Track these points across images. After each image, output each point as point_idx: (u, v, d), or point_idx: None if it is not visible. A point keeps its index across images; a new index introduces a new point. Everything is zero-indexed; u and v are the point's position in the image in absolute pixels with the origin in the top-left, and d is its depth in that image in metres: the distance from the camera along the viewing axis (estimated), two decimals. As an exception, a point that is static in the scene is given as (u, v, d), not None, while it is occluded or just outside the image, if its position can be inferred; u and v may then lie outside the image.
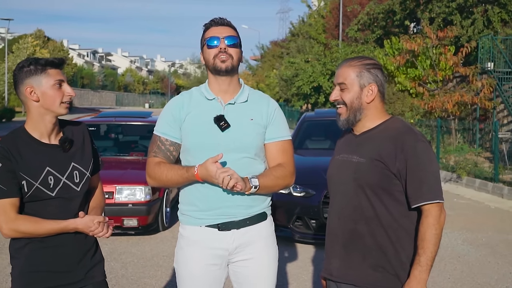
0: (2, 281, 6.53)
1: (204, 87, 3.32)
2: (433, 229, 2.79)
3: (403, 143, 2.84)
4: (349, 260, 2.96)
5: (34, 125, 3.00)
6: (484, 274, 7.08)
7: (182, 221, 3.33)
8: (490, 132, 19.42)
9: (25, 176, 2.91)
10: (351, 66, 2.96)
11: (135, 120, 11.04)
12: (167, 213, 9.30)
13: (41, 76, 2.93)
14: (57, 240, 3.00)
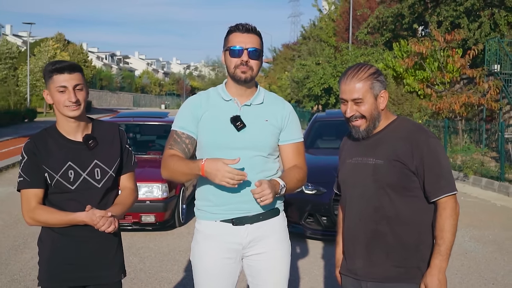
0: (26, 274, 6.59)
1: (221, 88, 3.33)
2: (451, 220, 2.87)
3: (417, 141, 2.88)
4: (372, 259, 2.97)
5: (60, 123, 3.13)
6: (490, 270, 7.05)
7: (198, 216, 3.35)
8: (496, 133, 19.31)
9: (47, 169, 3.04)
10: (361, 80, 2.93)
11: (152, 120, 11.09)
12: (183, 210, 9.35)
13: (49, 82, 3.06)
14: (81, 235, 3.08)
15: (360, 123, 2.97)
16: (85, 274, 3.13)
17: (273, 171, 3.28)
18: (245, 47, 3.16)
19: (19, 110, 37.88)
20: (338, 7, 43.26)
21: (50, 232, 3.11)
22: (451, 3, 24.18)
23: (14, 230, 8.75)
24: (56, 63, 3.04)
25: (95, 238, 3.11)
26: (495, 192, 13.18)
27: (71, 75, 3.02)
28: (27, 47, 51.44)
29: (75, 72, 3.05)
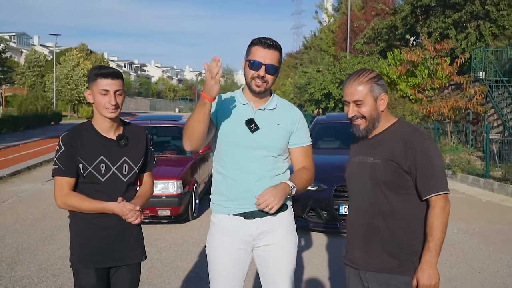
0: (53, 263, 6.59)
1: (239, 93, 3.35)
2: (439, 218, 2.81)
3: (411, 142, 2.86)
4: (368, 251, 2.98)
5: (97, 121, 3.24)
6: (477, 260, 7.03)
7: (213, 210, 3.37)
8: (481, 134, 19.26)
9: (82, 160, 3.14)
10: (361, 84, 2.94)
11: (167, 123, 11.10)
12: (196, 205, 9.35)
13: (93, 84, 3.16)
14: (105, 223, 3.20)
15: (360, 123, 2.98)
16: (109, 257, 3.24)
17: (282, 170, 3.32)
18: (264, 63, 3.16)
19: (46, 113, 37.97)
20: (336, 19, 43.21)
21: (79, 222, 3.21)
22: (440, 16, 24.16)
23: (42, 223, 8.77)
24: (102, 68, 3.16)
25: (117, 226, 3.23)
26: (481, 189, 13.15)
27: (113, 81, 3.13)
28: (53, 56, 51.65)
29: (118, 78, 3.16)
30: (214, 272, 3.34)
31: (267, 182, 3.20)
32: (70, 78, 48.66)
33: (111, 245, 3.23)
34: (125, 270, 3.32)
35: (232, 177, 3.23)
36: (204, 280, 6.06)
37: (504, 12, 22.53)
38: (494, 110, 19.57)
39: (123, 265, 3.30)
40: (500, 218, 9.81)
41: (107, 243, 3.22)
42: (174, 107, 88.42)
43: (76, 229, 3.23)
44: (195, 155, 9.95)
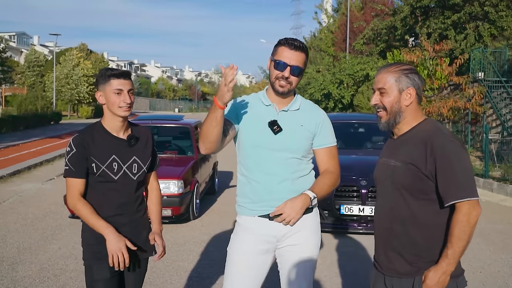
0: (54, 263, 6.57)
1: (263, 94, 3.35)
2: (461, 226, 2.62)
3: (432, 144, 2.69)
4: (389, 257, 2.88)
5: (107, 121, 3.30)
6: (478, 259, 7.03)
7: (239, 212, 3.37)
8: (480, 134, 19.27)
9: (95, 160, 3.20)
10: (389, 72, 2.83)
11: (168, 122, 11.07)
12: (197, 204, 9.33)
13: (105, 85, 3.22)
14: (119, 220, 3.26)
15: (382, 115, 2.86)
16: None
17: (306, 171, 3.29)
18: (289, 63, 3.16)
19: (46, 113, 37.89)
20: (336, 20, 43.19)
21: None
22: (440, 17, 24.17)
23: (43, 223, 8.74)
24: (113, 70, 3.24)
25: (129, 224, 3.30)
26: (480, 188, 13.11)
27: (126, 80, 3.24)
28: (53, 56, 51.59)
29: (129, 78, 3.27)
30: (232, 271, 3.32)
31: (289, 184, 3.19)
32: (70, 78, 48.55)
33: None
34: (135, 265, 3.38)
35: (256, 179, 3.23)
36: (207, 280, 6.05)
37: (503, 13, 22.56)
38: (492, 110, 19.57)
39: (136, 261, 3.36)
40: (500, 218, 9.80)
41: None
42: (173, 107, 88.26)
43: (88, 227, 3.24)
44: (196, 155, 9.93)
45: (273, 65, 3.21)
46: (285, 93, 3.22)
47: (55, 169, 15.37)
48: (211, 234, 8.18)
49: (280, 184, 3.19)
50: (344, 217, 8.00)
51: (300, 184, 3.22)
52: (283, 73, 3.16)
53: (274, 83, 3.21)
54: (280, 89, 3.20)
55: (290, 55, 3.16)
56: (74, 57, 50.37)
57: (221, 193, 11.82)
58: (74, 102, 49.78)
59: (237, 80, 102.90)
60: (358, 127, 10.91)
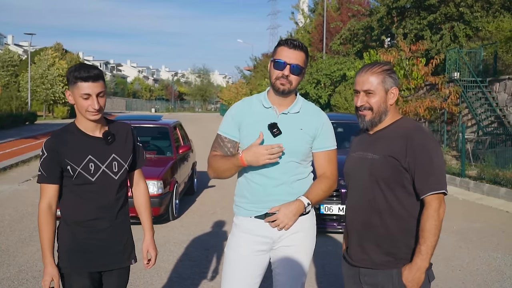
0: (33, 265, 6.50)
1: (263, 96, 3.33)
2: (432, 220, 2.72)
3: (412, 139, 2.78)
4: (364, 247, 2.93)
5: (80, 120, 3.13)
6: (457, 258, 7.10)
7: (236, 212, 3.38)
8: (456, 134, 19.51)
9: (70, 162, 3.03)
10: (374, 73, 2.89)
11: (147, 123, 11.00)
12: (176, 205, 9.28)
13: (73, 87, 3.01)
14: (97, 225, 3.12)
15: (366, 113, 2.93)
16: (103, 260, 3.17)
17: (305, 175, 3.29)
18: (288, 62, 3.15)
19: (21, 113, 37.39)
20: (313, 20, 43.38)
21: (69, 224, 3.12)
22: (416, 17, 24.42)
23: (20, 224, 8.62)
24: (82, 70, 2.97)
25: (109, 228, 3.16)
26: (457, 187, 13.28)
27: (95, 83, 2.99)
28: (28, 56, 50.97)
29: (99, 80, 3.01)
30: (230, 271, 3.32)
31: (287, 187, 3.20)
32: (45, 78, 48.00)
33: (105, 248, 3.16)
34: (116, 273, 3.26)
35: (254, 180, 3.23)
36: (188, 281, 6.02)
37: (478, 14, 22.87)
38: (468, 110, 19.80)
39: (115, 269, 3.24)
40: (477, 216, 9.92)
41: (99, 247, 3.15)
42: (150, 107, 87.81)
43: (66, 232, 3.13)
44: (175, 156, 9.88)
45: (273, 65, 3.21)
46: (286, 92, 3.19)
47: (31, 170, 15.16)
48: (191, 234, 8.15)
49: (277, 188, 3.19)
50: (324, 217, 8.02)
51: (298, 187, 3.23)
52: (283, 71, 3.15)
53: (274, 83, 3.20)
54: (280, 87, 3.17)
55: (290, 54, 3.16)
56: (49, 56, 49.80)
57: (200, 194, 11.78)
58: (49, 102, 49.24)
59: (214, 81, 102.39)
60: (336, 127, 10.91)
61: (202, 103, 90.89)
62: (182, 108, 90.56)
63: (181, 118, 17.51)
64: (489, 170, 13.05)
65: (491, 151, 14.75)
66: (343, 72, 29.22)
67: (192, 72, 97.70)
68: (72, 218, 3.11)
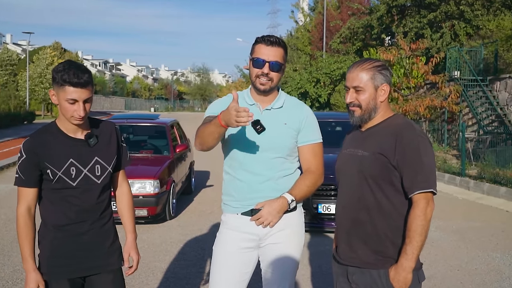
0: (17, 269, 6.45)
1: (247, 93, 3.32)
2: (418, 220, 2.68)
3: (402, 137, 2.75)
4: (352, 245, 2.90)
5: (62, 121, 2.98)
6: (455, 258, 7.08)
7: (223, 210, 3.38)
8: (457, 133, 19.49)
9: (50, 166, 2.89)
10: (364, 70, 2.85)
11: (144, 121, 10.99)
12: (173, 204, 9.26)
13: (59, 89, 2.83)
14: (79, 229, 2.99)
15: (355, 109, 2.90)
16: (84, 265, 3.03)
17: (291, 170, 3.28)
18: (267, 60, 3.13)
19: (19, 113, 37.37)
20: (313, 19, 43.36)
21: (49, 228, 3.00)
22: (416, 16, 24.40)
23: (15, 224, 8.56)
24: (70, 73, 2.79)
25: (90, 231, 3.02)
26: (457, 187, 13.25)
27: (83, 90, 2.82)
28: (26, 55, 50.91)
29: (87, 86, 2.84)
30: (217, 269, 3.30)
31: (273, 183, 3.19)
32: (44, 77, 47.94)
33: (86, 252, 3.02)
34: (106, 279, 3.10)
35: (239, 178, 3.22)
36: (183, 280, 6.00)
37: (478, 12, 22.85)
38: (469, 109, 19.78)
39: (99, 272, 3.09)
40: (477, 216, 9.89)
41: (81, 251, 3.01)
42: (149, 106, 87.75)
43: (46, 236, 3.01)
44: (172, 155, 9.86)
45: (252, 63, 3.19)
46: (267, 91, 3.19)
47: (28, 170, 15.15)
48: (187, 234, 8.13)
49: (264, 183, 3.18)
50: (321, 216, 8.00)
51: (284, 183, 3.22)
52: (262, 70, 3.14)
53: (255, 82, 3.19)
54: (261, 87, 3.17)
55: (268, 51, 3.14)
56: (48, 56, 49.80)
57: (197, 193, 11.76)
58: (48, 101, 49.18)
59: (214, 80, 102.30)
60: (335, 126, 10.95)
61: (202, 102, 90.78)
62: (181, 108, 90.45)
63: (180, 118, 17.50)
64: (490, 170, 13.03)
65: (492, 150, 14.73)
66: (343, 71, 29.23)
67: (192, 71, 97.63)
68: (52, 222, 2.98)
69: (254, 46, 3.20)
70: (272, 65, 3.14)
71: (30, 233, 2.96)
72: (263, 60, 3.14)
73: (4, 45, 69.13)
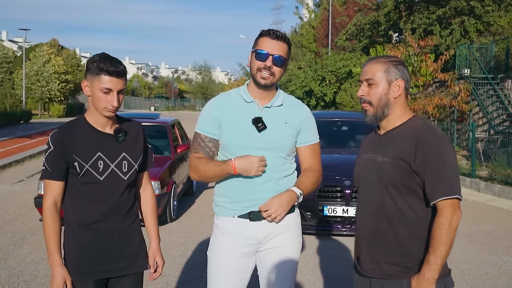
0: (24, 268, 6.48)
1: (243, 90, 3.28)
2: (443, 229, 2.58)
3: (423, 141, 2.66)
4: (373, 256, 2.83)
5: (91, 114, 3.03)
6: (466, 262, 7.07)
7: (217, 213, 3.32)
8: (466, 132, 19.46)
9: (78, 158, 2.93)
10: (378, 63, 2.80)
11: (144, 121, 10.97)
12: (174, 206, 9.27)
13: (94, 78, 2.91)
14: (105, 227, 3.02)
15: (367, 108, 2.83)
16: (110, 266, 3.06)
17: (291, 171, 3.27)
18: (271, 53, 3.11)
19: (15, 112, 37.46)
20: (318, 15, 43.32)
21: (74, 227, 3.01)
22: (424, 12, 24.35)
23: (12, 226, 8.62)
24: (109, 63, 2.89)
25: (118, 231, 3.06)
26: (467, 188, 13.23)
27: (118, 80, 2.92)
28: (22, 52, 50.98)
29: (123, 77, 2.94)
30: (214, 277, 3.28)
31: (273, 184, 3.16)
32: (41, 75, 48.06)
33: (112, 253, 3.05)
34: (127, 280, 3.13)
35: (238, 178, 3.16)
36: (185, 285, 6.01)
37: (489, 8, 22.78)
38: (479, 108, 19.75)
39: (125, 275, 3.11)
40: (487, 219, 9.89)
41: (107, 251, 3.03)
42: (149, 105, 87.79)
43: (72, 235, 3.02)
44: (173, 155, 9.87)
45: (254, 55, 3.16)
46: (268, 85, 3.15)
47: (25, 170, 15.19)
48: (189, 237, 8.14)
49: (264, 184, 3.14)
50: (327, 219, 8.00)
51: (284, 184, 3.19)
52: (265, 62, 3.11)
53: (255, 75, 3.15)
54: (262, 81, 3.13)
55: (272, 44, 3.13)
56: (45, 53, 49.86)
57: (199, 195, 11.77)
58: (45, 100, 49.31)
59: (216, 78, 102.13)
60: (341, 125, 10.94)
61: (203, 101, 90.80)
62: (182, 107, 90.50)
63: (181, 117, 17.50)
64: (501, 171, 13.01)
65: (503, 150, 14.69)
66: (349, 68, 29.17)
67: (193, 69, 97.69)
68: (76, 220, 3.00)
69: (258, 39, 3.18)
70: (275, 59, 3.12)
71: (57, 228, 2.97)
72: (266, 53, 3.11)
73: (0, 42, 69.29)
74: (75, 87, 52.49)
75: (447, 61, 20.09)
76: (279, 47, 3.13)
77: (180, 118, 13.23)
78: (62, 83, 48.89)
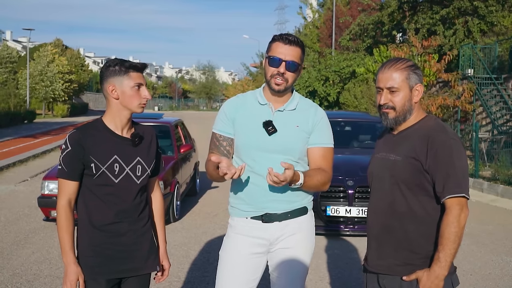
0: (27, 268, 6.49)
1: (259, 92, 3.30)
2: (452, 227, 2.65)
3: (434, 140, 2.73)
4: (382, 252, 2.89)
5: (111, 118, 3.08)
6: (468, 262, 7.07)
7: (231, 213, 3.35)
8: (470, 133, 19.42)
9: (94, 160, 2.97)
10: (398, 70, 2.83)
11: (147, 121, 10.98)
12: (177, 206, 9.28)
13: (123, 77, 3.00)
14: (118, 229, 3.06)
15: (389, 111, 2.86)
16: (123, 267, 3.10)
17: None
18: (284, 59, 3.12)
19: (19, 112, 37.51)
20: (321, 15, 43.30)
21: (87, 228, 3.05)
22: (428, 12, 24.34)
23: (16, 226, 8.64)
24: (129, 62, 3.04)
25: (130, 233, 3.09)
26: (470, 188, 13.14)
27: (142, 75, 3.08)
28: (26, 52, 51.07)
29: (144, 72, 3.10)
30: (224, 275, 3.29)
31: (285, 186, 3.09)
32: (45, 75, 48.14)
33: (125, 253, 3.09)
34: (136, 280, 3.17)
35: (251, 180, 3.19)
36: (188, 285, 6.02)
37: (493, 8, 22.76)
38: (482, 108, 19.74)
39: (136, 275, 3.16)
40: (490, 219, 9.87)
41: (120, 252, 3.08)
42: (153, 105, 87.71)
43: (85, 236, 3.06)
44: (177, 155, 9.88)
45: (268, 62, 3.17)
46: (281, 91, 3.17)
47: (29, 170, 15.22)
48: (192, 237, 8.15)
49: (276, 187, 3.09)
50: (330, 219, 8.00)
51: (296, 187, 3.14)
52: (278, 69, 3.12)
53: (269, 81, 3.16)
54: (276, 87, 3.14)
55: (285, 50, 3.12)
56: (49, 53, 49.95)
57: (202, 195, 11.78)
58: (49, 100, 49.39)
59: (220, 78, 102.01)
60: (344, 126, 10.91)
61: (207, 101, 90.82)
62: (186, 106, 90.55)
63: (184, 117, 17.52)
64: (504, 171, 12.98)
65: (506, 150, 14.65)
66: (353, 68, 29.14)
67: (197, 69, 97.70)
68: (90, 221, 3.03)
69: (271, 44, 3.18)
70: (288, 65, 3.12)
71: (71, 226, 3.01)
72: (279, 59, 3.11)
73: (4, 42, 69.48)
74: (79, 87, 52.56)
75: (450, 61, 20.06)
76: (292, 52, 3.13)
77: (183, 118, 13.25)
78: (66, 83, 48.95)
